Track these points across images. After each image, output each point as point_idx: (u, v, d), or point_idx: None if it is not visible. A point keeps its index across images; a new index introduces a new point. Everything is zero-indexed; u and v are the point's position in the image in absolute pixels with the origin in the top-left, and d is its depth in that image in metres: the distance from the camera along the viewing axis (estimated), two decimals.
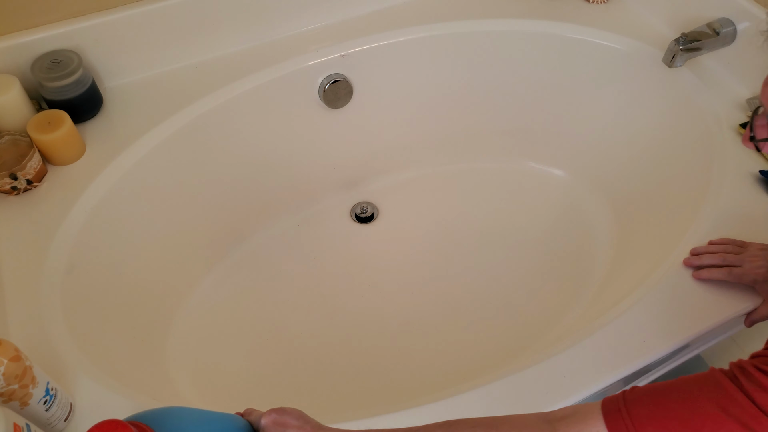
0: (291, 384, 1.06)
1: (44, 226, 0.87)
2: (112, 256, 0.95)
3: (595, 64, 1.18)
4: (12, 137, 0.91)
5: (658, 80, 1.11)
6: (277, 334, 1.12)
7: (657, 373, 0.90)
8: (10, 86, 0.92)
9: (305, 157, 1.24)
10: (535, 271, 1.19)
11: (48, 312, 0.79)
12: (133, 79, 1.07)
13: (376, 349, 1.11)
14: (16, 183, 0.88)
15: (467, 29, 1.17)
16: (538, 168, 1.34)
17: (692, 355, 0.92)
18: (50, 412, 0.64)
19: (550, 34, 1.18)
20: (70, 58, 0.96)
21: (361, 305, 1.17)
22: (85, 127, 1.00)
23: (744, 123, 0.98)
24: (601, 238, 1.20)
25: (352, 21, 1.16)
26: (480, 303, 1.16)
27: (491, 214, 1.29)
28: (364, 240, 1.26)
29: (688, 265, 0.83)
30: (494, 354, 1.07)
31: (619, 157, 1.21)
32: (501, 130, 1.33)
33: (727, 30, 1.03)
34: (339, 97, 1.16)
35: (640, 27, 1.17)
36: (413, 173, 1.35)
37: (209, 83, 1.06)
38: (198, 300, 1.13)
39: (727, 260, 0.80)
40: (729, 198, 0.90)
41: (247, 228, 1.23)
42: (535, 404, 0.71)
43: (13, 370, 0.58)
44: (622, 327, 0.78)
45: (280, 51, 1.12)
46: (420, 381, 1.05)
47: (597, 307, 1.03)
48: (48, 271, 0.83)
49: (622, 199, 1.20)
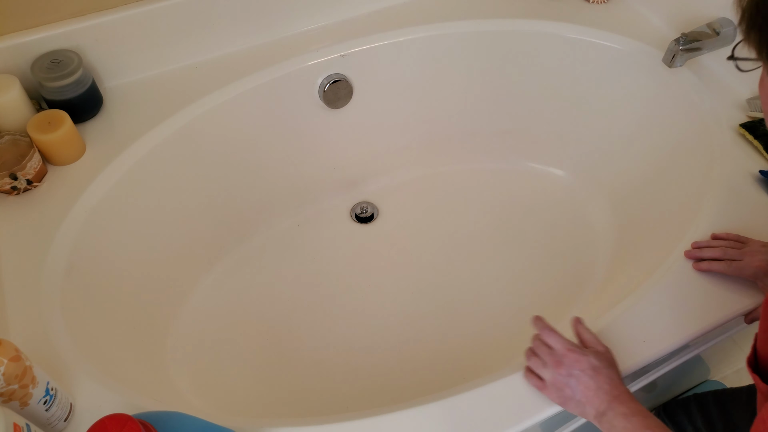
0: (291, 383, 1.06)
1: (44, 226, 0.87)
2: (112, 256, 0.95)
3: (595, 64, 1.18)
4: (12, 137, 0.91)
5: (658, 80, 1.11)
6: (276, 334, 1.12)
7: (657, 373, 0.90)
8: (10, 86, 0.92)
9: (305, 157, 1.24)
10: (535, 272, 1.19)
11: (48, 312, 0.79)
12: (133, 79, 1.07)
13: (376, 349, 1.11)
14: (16, 183, 0.88)
15: (467, 29, 1.17)
16: (538, 168, 1.34)
17: (692, 355, 0.92)
18: (50, 412, 0.64)
19: (550, 34, 1.18)
20: (70, 58, 0.96)
21: (361, 305, 1.17)
22: (85, 127, 1.00)
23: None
24: (601, 238, 1.20)
25: (352, 21, 1.16)
26: (480, 303, 1.16)
27: (491, 214, 1.29)
28: (364, 240, 1.26)
29: (689, 257, 0.83)
30: (494, 354, 1.07)
31: (619, 157, 1.21)
32: (501, 130, 1.33)
33: (727, 30, 1.03)
34: (339, 97, 1.16)
35: (640, 27, 1.17)
36: (413, 173, 1.35)
37: (209, 83, 1.06)
38: (198, 300, 1.13)
39: (728, 254, 0.80)
40: (729, 198, 0.90)
41: (247, 228, 1.23)
42: (535, 404, 0.71)
43: (13, 370, 0.58)
44: (622, 327, 0.78)
45: (280, 51, 1.12)
46: (420, 381, 1.05)
47: (597, 307, 1.03)
48: (48, 271, 0.83)
49: (622, 199, 1.20)
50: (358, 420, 0.70)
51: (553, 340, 0.71)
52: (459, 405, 0.71)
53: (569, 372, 0.67)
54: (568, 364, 0.68)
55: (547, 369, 0.69)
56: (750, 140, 0.97)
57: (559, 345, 0.70)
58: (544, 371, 0.70)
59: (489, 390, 0.72)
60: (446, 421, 0.70)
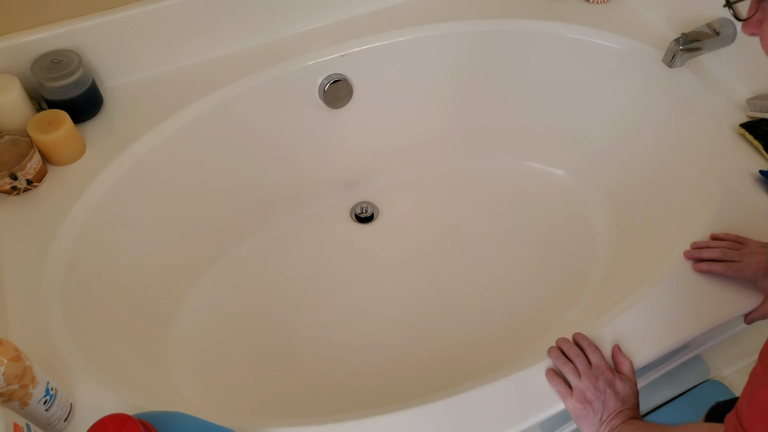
0: (291, 383, 1.06)
1: (44, 226, 0.87)
2: (112, 256, 0.95)
3: (595, 64, 1.18)
4: (12, 137, 0.91)
5: (658, 80, 1.11)
6: (276, 334, 1.12)
7: (657, 373, 0.90)
8: (10, 86, 0.92)
9: (305, 157, 1.24)
10: (536, 271, 1.19)
11: (48, 312, 0.79)
12: (133, 79, 1.07)
13: (376, 348, 1.11)
14: (16, 183, 0.88)
15: (467, 29, 1.17)
16: (538, 168, 1.34)
17: (692, 355, 0.92)
18: (50, 412, 0.64)
19: (550, 34, 1.18)
20: (70, 58, 0.96)
21: (361, 305, 1.17)
22: (85, 127, 1.00)
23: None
24: (601, 238, 1.20)
25: (352, 21, 1.16)
26: (480, 303, 1.16)
27: (491, 214, 1.29)
28: (364, 240, 1.26)
29: (689, 257, 0.84)
30: (494, 354, 1.07)
31: (619, 157, 1.21)
32: (501, 130, 1.33)
33: (727, 30, 1.03)
34: (339, 97, 1.16)
35: (640, 27, 1.17)
36: (413, 173, 1.35)
37: (209, 83, 1.06)
38: (198, 300, 1.13)
39: (727, 255, 0.80)
40: (728, 198, 0.90)
41: (247, 228, 1.23)
42: (534, 404, 0.71)
43: (13, 370, 0.58)
44: (622, 327, 0.78)
45: (280, 51, 1.12)
46: (420, 381, 1.05)
47: (597, 307, 1.03)
48: (48, 271, 0.83)
49: (621, 198, 1.20)
50: (358, 420, 0.70)
51: (596, 357, 0.74)
52: (459, 405, 0.71)
53: (604, 389, 0.70)
54: (605, 382, 0.70)
55: (584, 379, 0.71)
56: (750, 140, 0.97)
57: (602, 363, 0.73)
58: (576, 380, 0.71)
59: (489, 390, 0.73)
60: (446, 421, 0.70)
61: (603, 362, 0.73)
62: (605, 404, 0.69)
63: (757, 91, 1.03)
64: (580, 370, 0.72)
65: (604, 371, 0.71)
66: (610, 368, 0.72)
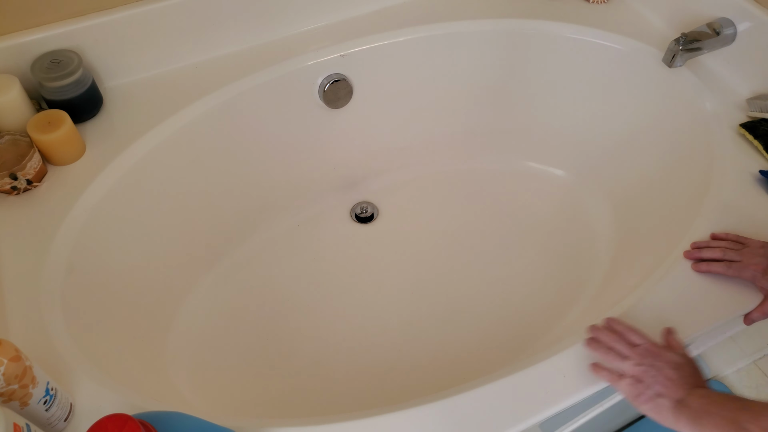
0: (291, 383, 1.06)
1: (44, 226, 0.87)
2: (112, 256, 0.95)
3: (595, 64, 1.18)
4: (12, 137, 0.91)
5: (658, 80, 1.11)
6: (276, 334, 1.12)
7: None
8: (10, 86, 0.92)
9: (305, 157, 1.24)
10: (535, 271, 1.19)
11: (48, 312, 0.79)
12: (133, 79, 1.07)
13: (376, 348, 1.11)
14: (16, 183, 0.88)
15: (467, 29, 1.17)
16: (538, 168, 1.34)
17: (692, 356, 0.92)
18: (50, 412, 0.64)
19: (550, 34, 1.18)
20: (70, 58, 0.96)
21: (361, 305, 1.17)
22: (85, 127, 1.00)
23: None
24: (601, 238, 1.20)
25: (352, 21, 1.17)
26: (480, 303, 1.16)
27: (491, 214, 1.29)
28: (364, 240, 1.26)
29: (688, 257, 0.83)
30: (494, 354, 1.07)
31: (619, 157, 1.21)
32: (501, 130, 1.33)
33: (727, 30, 1.03)
34: (339, 97, 1.16)
35: (640, 27, 1.17)
36: (413, 173, 1.35)
37: (209, 83, 1.06)
38: (198, 300, 1.13)
39: (727, 255, 0.80)
40: (729, 198, 0.90)
41: (247, 228, 1.23)
42: (535, 404, 0.71)
43: (13, 370, 0.58)
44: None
45: (280, 51, 1.12)
46: (420, 381, 1.05)
47: (597, 307, 1.03)
48: (48, 271, 0.83)
49: (622, 199, 1.20)
50: (358, 420, 0.70)
51: (637, 337, 0.71)
52: (459, 405, 0.71)
53: (652, 363, 0.67)
54: (652, 356, 0.68)
55: (629, 361, 0.69)
56: (750, 140, 0.97)
57: (644, 341, 0.70)
58: (623, 364, 0.69)
59: (489, 390, 0.72)
60: (446, 421, 0.70)
61: (646, 341, 0.70)
62: (658, 375, 0.66)
63: (757, 91, 1.03)
64: (625, 353, 0.70)
65: (649, 347, 0.69)
66: (655, 343, 0.70)
